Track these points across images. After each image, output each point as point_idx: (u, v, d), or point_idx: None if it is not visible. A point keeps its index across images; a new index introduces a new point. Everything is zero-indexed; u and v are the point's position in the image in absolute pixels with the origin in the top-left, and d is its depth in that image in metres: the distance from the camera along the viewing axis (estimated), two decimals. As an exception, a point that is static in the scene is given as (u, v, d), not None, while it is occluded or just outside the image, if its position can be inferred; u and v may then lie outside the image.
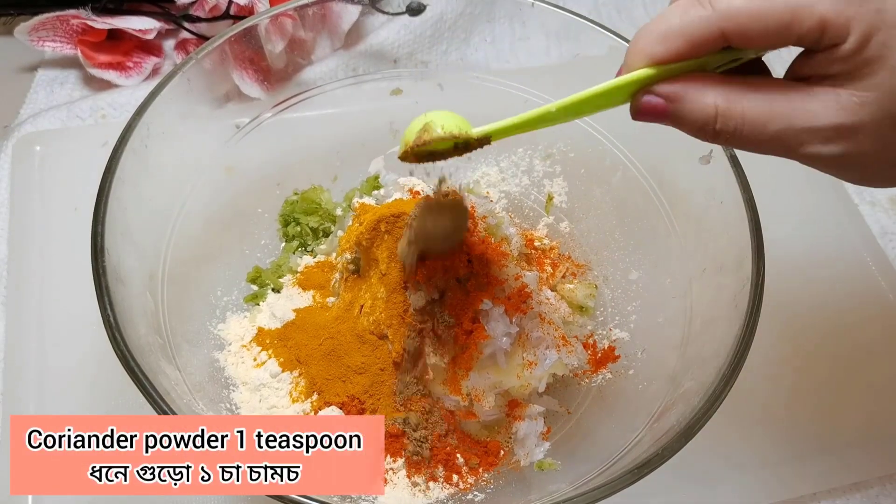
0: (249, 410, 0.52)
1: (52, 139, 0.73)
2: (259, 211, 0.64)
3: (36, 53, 0.83)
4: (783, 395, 0.62)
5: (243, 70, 0.69)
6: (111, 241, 0.47)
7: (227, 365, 0.55)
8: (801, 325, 0.67)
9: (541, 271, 0.61)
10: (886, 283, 0.70)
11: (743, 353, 0.46)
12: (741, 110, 0.36)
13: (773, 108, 0.36)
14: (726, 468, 0.59)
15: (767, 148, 0.37)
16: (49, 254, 0.66)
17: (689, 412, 0.45)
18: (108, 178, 0.48)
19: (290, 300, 0.58)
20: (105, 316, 0.44)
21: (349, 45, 0.81)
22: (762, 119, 0.36)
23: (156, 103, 0.52)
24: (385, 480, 0.50)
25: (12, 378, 0.60)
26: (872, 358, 0.66)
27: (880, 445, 0.61)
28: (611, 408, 0.56)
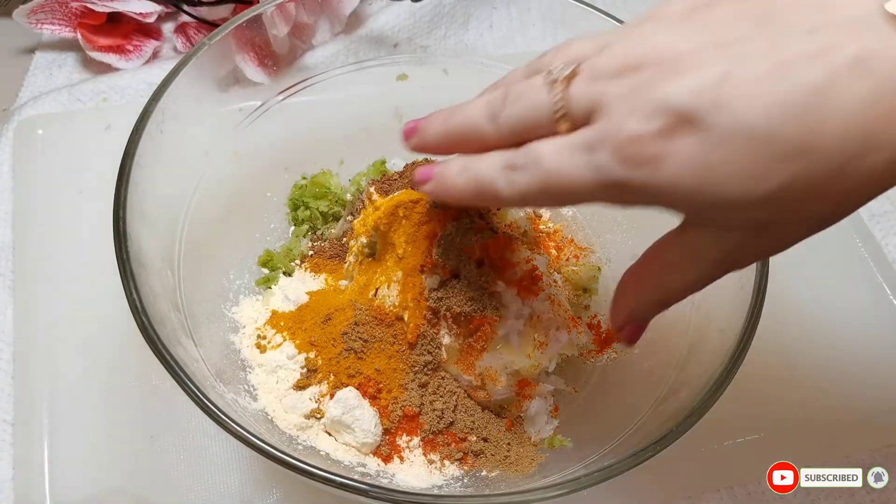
0: (266, 392, 0.53)
1: (55, 122, 0.73)
2: (268, 195, 0.65)
3: (33, 35, 0.82)
4: (776, 373, 0.64)
5: (246, 54, 0.69)
6: (132, 226, 0.47)
7: (243, 347, 0.56)
8: (793, 307, 0.69)
9: (547, 254, 0.62)
10: (875, 265, 0.73)
11: (751, 334, 0.47)
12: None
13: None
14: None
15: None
16: (54, 237, 0.66)
17: (697, 391, 0.47)
18: (128, 162, 0.49)
19: (303, 283, 0.59)
20: (131, 301, 0.44)
21: (350, 29, 0.81)
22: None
23: (171, 88, 0.53)
24: (402, 458, 0.51)
25: (22, 361, 0.60)
26: (862, 338, 0.68)
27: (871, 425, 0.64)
28: (616, 387, 0.58)
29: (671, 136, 0.31)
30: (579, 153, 0.35)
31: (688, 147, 0.31)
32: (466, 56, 0.74)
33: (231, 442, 0.41)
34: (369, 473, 0.50)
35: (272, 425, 0.51)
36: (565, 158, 0.35)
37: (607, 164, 0.33)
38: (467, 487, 0.51)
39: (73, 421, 0.58)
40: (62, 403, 0.58)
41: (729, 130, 0.30)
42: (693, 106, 0.31)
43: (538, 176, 0.36)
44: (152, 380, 0.59)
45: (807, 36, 0.30)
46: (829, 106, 0.29)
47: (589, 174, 0.34)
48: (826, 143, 0.30)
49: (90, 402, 0.58)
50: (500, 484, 0.51)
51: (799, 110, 0.30)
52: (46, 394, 0.59)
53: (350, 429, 0.50)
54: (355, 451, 0.51)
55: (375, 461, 0.51)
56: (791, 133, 0.30)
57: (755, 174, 0.31)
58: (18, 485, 0.55)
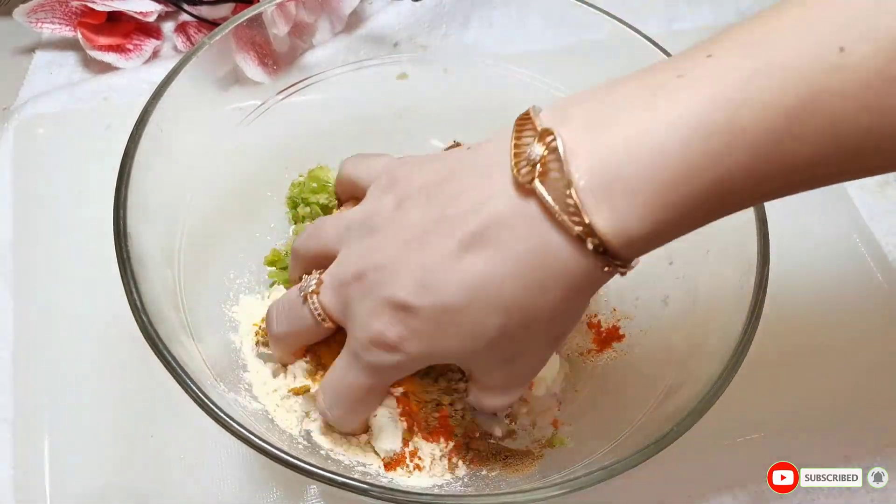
0: (264, 393, 0.53)
1: (55, 122, 0.73)
2: (268, 194, 0.65)
3: (32, 34, 0.82)
4: (777, 369, 0.65)
5: (246, 53, 0.69)
6: (132, 225, 0.47)
7: (243, 346, 0.56)
8: (794, 307, 0.69)
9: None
10: (875, 263, 0.73)
11: (751, 335, 0.47)
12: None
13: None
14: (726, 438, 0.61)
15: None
16: (54, 236, 0.66)
17: (697, 391, 0.47)
18: (128, 161, 0.49)
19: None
20: (132, 300, 0.44)
21: (350, 28, 0.81)
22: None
23: (172, 87, 0.53)
24: (419, 467, 0.52)
25: (23, 360, 0.60)
26: (862, 338, 0.68)
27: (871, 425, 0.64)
28: (616, 387, 0.58)
29: (400, 323, 0.40)
30: (351, 366, 0.44)
31: (415, 328, 0.39)
32: (467, 55, 0.74)
33: (231, 441, 0.41)
34: (370, 473, 0.50)
35: (272, 425, 0.51)
36: (345, 375, 0.45)
37: (372, 360, 0.42)
38: (467, 487, 0.51)
39: (73, 420, 0.58)
40: (62, 402, 0.58)
41: (437, 310, 0.39)
42: (406, 299, 0.39)
43: (335, 399, 0.47)
44: (153, 378, 0.58)
45: (472, 216, 0.37)
46: (501, 267, 0.37)
47: (367, 374, 0.43)
48: (507, 303, 0.38)
49: (90, 401, 0.58)
50: (501, 483, 0.51)
51: (480, 278, 0.37)
52: (46, 393, 0.59)
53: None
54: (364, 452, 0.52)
55: (378, 462, 0.51)
56: (482, 297, 0.38)
57: (469, 333, 0.39)
58: (18, 484, 0.55)
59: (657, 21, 0.93)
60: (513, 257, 0.36)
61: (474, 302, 0.38)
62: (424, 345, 0.40)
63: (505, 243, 0.36)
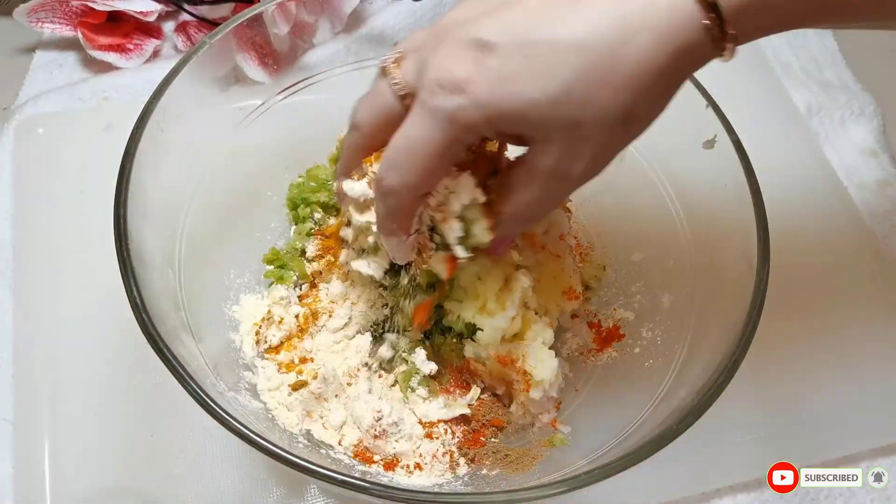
0: (266, 388, 0.54)
1: (55, 122, 0.73)
2: (269, 194, 0.65)
3: (33, 34, 0.82)
4: (776, 369, 0.65)
5: (247, 53, 0.69)
6: (133, 225, 0.47)
7: (243, 345, 0.56)
8: (794, 306, 0.69)
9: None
10: (875, 263, 0.73)
11: (750, 334, 0.47)
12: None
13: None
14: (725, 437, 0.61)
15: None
16: (55, 236, 0.67)
17: (697, 391, 0.47)
18: (129, 161, 0.49)
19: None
20: (132, 299, 0.44)
21: (350, 28, 0.81)
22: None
23: (172, 86, 0.53)
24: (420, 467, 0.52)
25: (23, 360, 0.61)
26: (862, 338, 0.68)
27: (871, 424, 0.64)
28: (617, 386, 0.57)
29: (472, 61, 0.37)
30: (415, 117, 0.40)
31: (489, 66, 0.37)
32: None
33: (232, 440, 0.41)
34: (370, 471, 0.50)
35: (273, 423, 0.51)
36: (409, 129, 0.40)
37: (437, 104, 0.38)
38: (467, 486, 0.51)
39: (73, 419, 0.58)
40: (62, 402, 0.58)
41: (515, 44, 0.36)
42: (486, 35, 0.37)
43: (396, 158, 0.41)
44: (153, 378, 0.59)
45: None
46: (586, 7, 0.36)
47: (431, 123, 0.39)
48: (592, 37, 0.35)
49: (90, 401, 0.59)
50: (501, 482, 0.51)
51: (570, 15, 0.36)
52: (47, 392, 0.59)
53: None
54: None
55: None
56: (562, 34, 0.36)
57: (544, 73, 0.36)
58: (19, 483, 0.55)
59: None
60: (611, 3, 0.36)
61: (557, 39, 0.36)
62: (492, 87, 0.37)
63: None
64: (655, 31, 0.35)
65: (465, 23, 0.38)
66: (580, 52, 0.36)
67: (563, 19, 0.36)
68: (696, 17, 0.35)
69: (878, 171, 0.81)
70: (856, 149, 0.82)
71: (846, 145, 0.82)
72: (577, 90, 0.36)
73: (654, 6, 0.35)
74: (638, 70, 0.36)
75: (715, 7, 0.35)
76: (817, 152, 0.80)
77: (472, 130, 0.39)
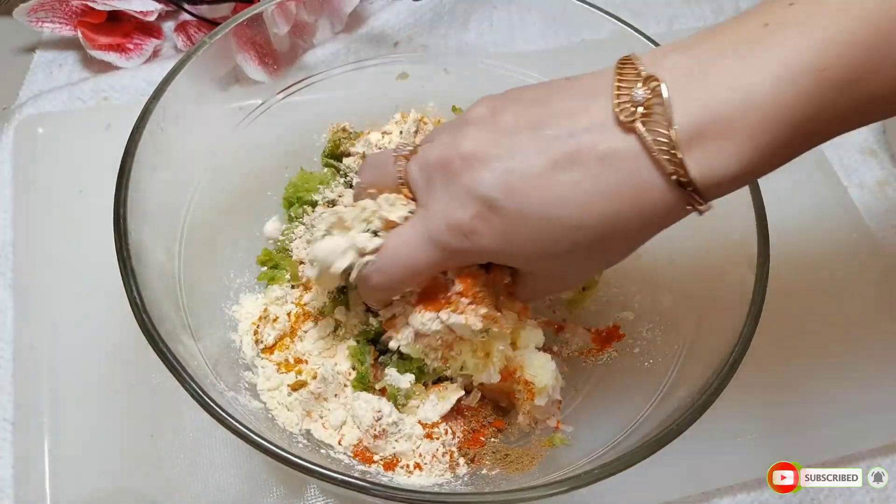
0: (266, 388, 0.54)
1: (55, 121, 0.73)
2: (269, 194, 0.65)
3: (33, 34, 0.82)
4: (776, 369, 0.65)
5: (246, 53, 0.69)
6: (133, 225, 0.47)
7: (243, 345, 0.56)
8: (794, 307, 0.69)
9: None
10: (875, 263, 0.73)
11: (750, 334, 0.47)
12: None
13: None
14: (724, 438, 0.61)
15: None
16: (55, 236, 0.66)
17: (697, 391, 0.47)
18: (129, 161, 0.49)
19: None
20: (132, 298, 0.44)
21: (350, 28, 0.81)
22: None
23: (172, 86, 0.53)
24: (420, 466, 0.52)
25: (23, 359, 0.60)
26: (863, 338, 0.68)
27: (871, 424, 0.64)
28: (617, 386, 0.57)
29: (481, 217, 0.41)
30: (420, 237, 0.45)
31: (493, 224, 0.41)
32: (467, 55, 0.75)
33: (232, 440, 0.41)
34: (370, 471, 0.50)
35: (273, 423, 0.51)
36: (411, 243, 0.45)
37: (444, 239, 0.43)
38: (467, 486, 0.51)
39: (73, 419, 0.58)
40: (62, 402, 0.58)
41: (518, 211, 0.40)
42: (492, 195, 0.41)
43: (389, 263, 0.46)
44: (153, 378, 0.59)
45: (568, 139, 0.39)
46: (588, 192, 0.39)
47: (435, 251, 0.44)
48: (587, 222, 0.40)
49: (90, 401, 0.58)
50: (501, 482, 0.51)
51: (566, 197, 0.39)
52: (47, 392, 0.59)
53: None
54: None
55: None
56: (561, 215, 0.40)
57: (542, 241, 0.41)
58: (19, 483, 0.55)
59: (657, 21, 0.94)
60: (603, 185, 0.39)
61: (556, 217, 0.40)
62: (496, 242, 0.42)
63: (598, 171, 0.39)
64: (642, 219, 0.40)
65: (473, 163, 0.42)
66: (578, 232, 0.40)
67: (567, 194, 0.39)
68: (679, 204, 0.39)
69: (878, 171, 0.81)
70: (856, 149, 0.82)
71: (846, 145, 0.82)
72: (568, 257, 0.42)
73: (645, 199, 0.39)
74: (622, 244, 0.43)
75: (695, 197, 0.38)
76: (817, 152, 0.80)
77: (469, 260, 0.46)
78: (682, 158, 0.37)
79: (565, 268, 0.45)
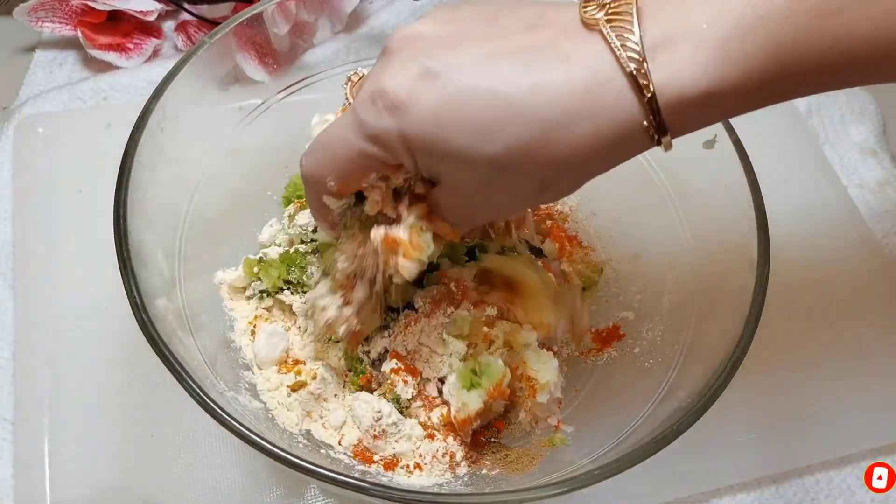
0: (266, 388, 0.54)
1: (55, 121, 0.73)
2: (268, 193, 0.65)
3: (33, 33, 0.82)
4: (777, 369, 0.65)
5: (246, 52, 0.69)
6: (133, 225, 0.47)
7: (243, 345, 0.56)
8: (794, 306, 0.69)
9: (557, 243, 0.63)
10: (875, 263, 0.73)
11: (751, 334, 0.47)
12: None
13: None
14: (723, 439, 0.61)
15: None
16: (55, 235, 0.66)
17: (697, 391, 0.47)
18: (128, 160, 0.49)
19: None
20: (132, 298, 0.44)
21: (350, 28, 0.81)
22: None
23: (172, 86, 0.53)
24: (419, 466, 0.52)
25: (23, 359, 0.60)
26: (862, 338, 0.68)
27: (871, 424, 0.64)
28: (617, 386, 0.57)
29: (417, 85, 0.36)
30: (346, 118, 0.40)
31: (425, 96, 0.36)
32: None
33: (231, 440, 0.41)
34: (370, 471, 0.50)
35: (272, 423, 0.51)
36: (337, 126, 0.41)
37: (367, 118, 0.38)
38: (467, 486, 0.51)
39: (73, 419, 0.58)
40: (62, 402, 0.58)
41: (460, 86, 0.36)
42: (431, 64, 0.36)
43: (316, 149, 0.43)
44: (153, 378, 0.59)
45: (526, 32, 0.37)
46: (541, 78, 0.35)
47: (352, 133, 0.39)
48: (537, 111, 0.35)
49: (90, 401, 0.58)
50: (501, 482, 0.51)
51: (515, 78, 0.35)
52: (47, 392, 0.59)
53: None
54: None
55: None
56: (509, 94, 0.35)
57: (478, 131, 0.36)
58: (18, 483, 0.55)
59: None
60: (556, 74, 0.35)
61: (501, 95, 0.36)
62: (425, 121, 0.37)
63: (553, 61, 0.35)
64: (595, 123, 0.36)
65: (425, 42, 0.38)
66: (520, 121, 0.36)
67: (515, 76, 0.36)
68: (636, 117, 0.35)
69: (878, 171, 0.81)
70: (856, 149, 0.82)
71: (846, 145, 0.82)
72: (504, 157, 0.37)
73: (600, 99, 0.35)
74: (567, 154, 0.37)
75: (656, 111, 0.35)
76: (817, 152, 0.80)
77: (389, 152, 0.39)
78: (644, 61, 0.34)
79: (499, 179, 0.39)
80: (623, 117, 0.35)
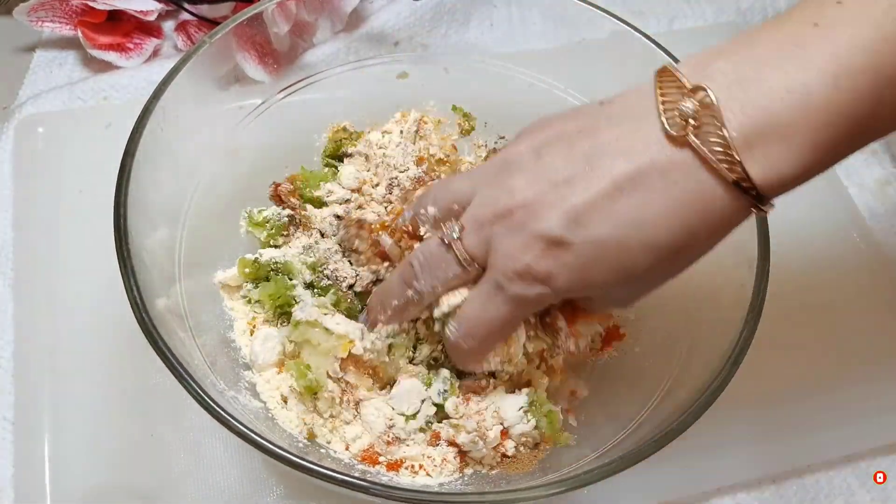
0: (266, 389, 0.54)
1: (55, 121, 0.73)
2: (268, 193, 0.65)
3: (33, 33, 0.82)
4: (776, 369, 0.65)
5: (247, 52, 0.69)
6: (133, 225, 0.47)
7: (242, 345, 0.56)
8: (794, 306, 0.69)
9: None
10: (875, 263, 0.73)
11: (750, 333, 0.47)
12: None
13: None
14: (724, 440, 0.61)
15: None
16: (55, 235, 0.66)
17: (697, 390, 0.47)
18: (129, 160, 0.49)
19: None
20: (132, 298, 0.44)
21: (350, 27, 0.81)
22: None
23: (172, 86, 0.53)
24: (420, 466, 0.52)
25: (23, 359, 0.60)
26: (863, 338, 0.68)
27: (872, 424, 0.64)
28: (618, 385, 0.58)
29: (550, 257, 0.41)
30: (492, 298, 0.44)
31: (565, 262, 0.41)
32: (467, 54, 0.74)
33: (232, 439, 0.41)
34: (370, 471, 0.50)
35: (273, 423, 0.51)
36: (486, 307, 0.45)
37: (517, 291, 0.43)
38: (467, 485, 0.51)
39: (73, 418, 0.58)
40: (63, 401, 0.58)
41: (588, 243, 0.40)
42: (559, 233, 0.40)
43: (472, 330, 0.46)
44: (153, 377, 0.59)
45: (625, 164, 0.39)
46: (657, 210, 0.39)
47: (509, 306, 0.44)
48: (662, 241, 0.40)
49: (91, 400, 0.58)
50: (501, 481, 0.51)
51: (637, 219, 0.39)
52: (47, 391, 0.59)
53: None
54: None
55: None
56: (634, 237, 0.40)
57: (617, 268, 0.41)
58: (19, 482, 0.55)
59: (657, 21, 0.93)
60: (668, 201, 0.39)
61: (628, 240, 0.40)
62: (572, 278, 0.41)
63: (660, 188, 0.39)
64: (713, 230, 0.40)
65: (535, 209, 0.41)
66: (652, 252, 0.40)
67: (635, 212, 0.39)
68: (743, 213, 0.40)
69: (878, 171, 0.81)
70: (856, 148, 0.82)
71: (846, 145, 0.82)
72: (644, 276, 0.42)
73: (710, 206, 0.39)
74: (693, 257, 0.43)
75: (758, 198, 0.38)
76: (817, 152, 0.80)
77: (545, 305, 0.46)
78: (741, 161, 0.37)
79: (641, 283, 0.45)
80: (733, 213, 0.39)
